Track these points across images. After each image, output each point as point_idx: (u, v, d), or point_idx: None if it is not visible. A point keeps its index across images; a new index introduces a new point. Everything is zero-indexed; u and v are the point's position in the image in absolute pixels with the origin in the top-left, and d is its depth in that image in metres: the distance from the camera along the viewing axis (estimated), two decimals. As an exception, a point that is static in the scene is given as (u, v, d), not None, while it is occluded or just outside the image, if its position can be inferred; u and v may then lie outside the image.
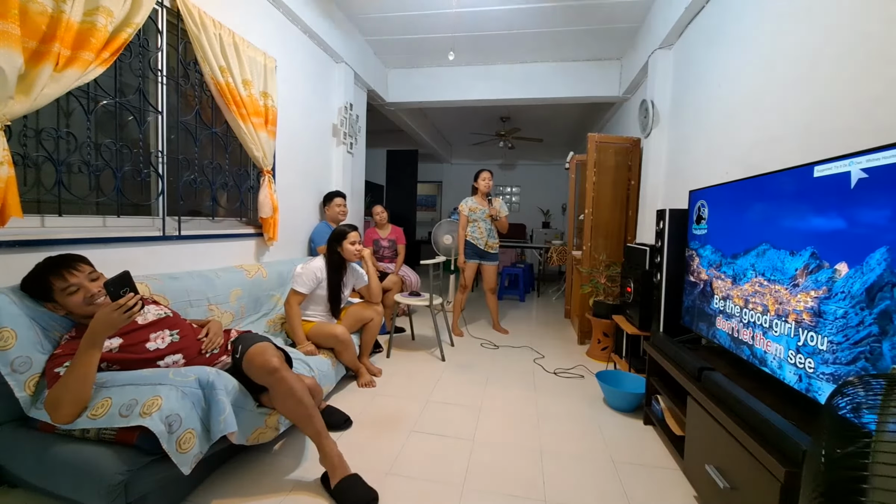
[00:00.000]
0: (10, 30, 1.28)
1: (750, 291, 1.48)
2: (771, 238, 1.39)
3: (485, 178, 3.66)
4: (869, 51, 1.31)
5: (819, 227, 1.19)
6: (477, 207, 3.66)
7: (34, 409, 1.28)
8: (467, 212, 3.66)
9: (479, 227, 3.67)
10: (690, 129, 2.69)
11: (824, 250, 1.16)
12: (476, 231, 3.67)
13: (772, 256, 1.38)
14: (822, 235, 1.17)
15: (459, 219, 3.69)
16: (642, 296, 2.44)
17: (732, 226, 1.64)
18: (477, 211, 3.65)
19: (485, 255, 3.71)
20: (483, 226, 3.67)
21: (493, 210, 3.63)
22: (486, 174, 3.67)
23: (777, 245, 1.36)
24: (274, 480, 1.57)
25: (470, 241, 3.66)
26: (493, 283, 3.79)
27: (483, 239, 3.66)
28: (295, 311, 2.25)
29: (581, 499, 1.55)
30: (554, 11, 3.39)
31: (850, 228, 1.08)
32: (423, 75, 4.70)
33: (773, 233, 1.39)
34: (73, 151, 1.71)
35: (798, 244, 1.26)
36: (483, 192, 3.68)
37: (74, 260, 1.42)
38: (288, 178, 3.03)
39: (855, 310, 1.04)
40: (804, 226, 1.24)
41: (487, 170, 3.70)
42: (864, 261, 1.02)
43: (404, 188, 8.02)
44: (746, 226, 1.54)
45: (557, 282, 7.24)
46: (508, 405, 2.31)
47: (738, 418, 1.24)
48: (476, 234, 3.66)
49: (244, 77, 2.39)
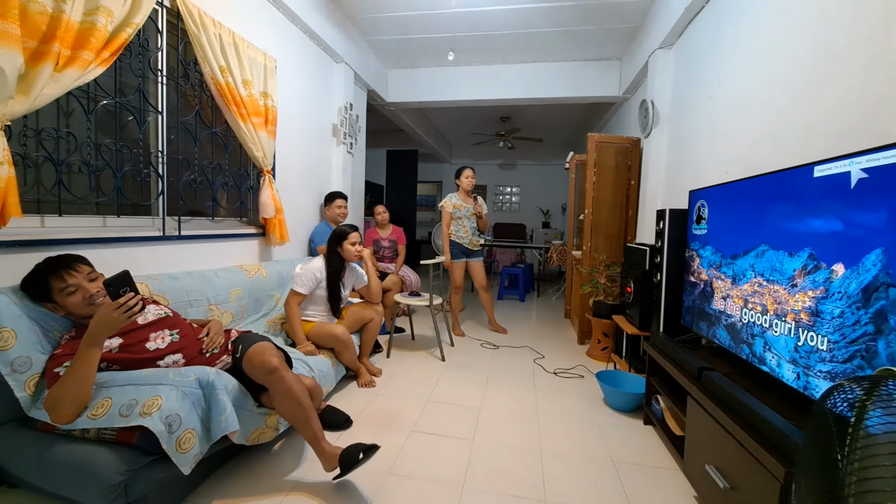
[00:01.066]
0: (10, 29, 1.28)
1: (749, 291, 1.48)
2: (770, 239, 1.39)
3: (468, 175, 3.63)
4: (869, 51, 1.30)
5: (817, 228, 1.19)
6: (461, 205, 3.64)
7: (34, 409, 1.28)
8: (451, 209, 3.62)
9: (464, 226, 3.65)
10: (690, 129, 2.69)
11: (822, 251, 1.16)
12: (461, 230, 3.65)
13: (771, 257, 1.38)
14: (820, 237, 1.17)
15: (443, 216, 3.65)
16: (642, 296, 2.44)
17: (732, 226, 1.64)
18: (462, 208, 3.63)
19: (471, 253, 3.70)
20: (468, 224, 3.65)
21: (478, 208, 3.63)
22: (469, 171, 3.64)
23: (776, 246, 1.36)
24: (274, 480, 1.57)
25: (455, 240, 3.64)
26: (484, 280, 3.78)
27: (468, 237, 3.65)
28: (295, 311, 2.25)
29: (581, 499, 1.55)
30: (554, 11, 3.39)
31: (847, 230, 1.09)
32: (423, 75, 4.70)
33: (772, 233, 1.39)
34: (73, 151, 1.71)
35: (796, 245, 1.26)
36: (466, 189, 3.65)
37: (73, 260, 1.42)
38: (288, 178, 3.03)
39: (851, 309, 1.04)
40: (802, 227, 1.24)
41: (470, 167, 3.67)
42: (860, 262, 1.03)
43: (404, 188, 8.01)
44: (746, 226, 1.54)
45: (557, 282, 7.24)
46: (508, 405, 2.31)
47: (737, 418, 1.24)
48: (461, 232, 3.65)
49: (244, 77, 2.39)
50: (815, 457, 0.74)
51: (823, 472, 0.70)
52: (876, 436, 0.64)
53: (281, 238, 2.76)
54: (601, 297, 3.19)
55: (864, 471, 0.63)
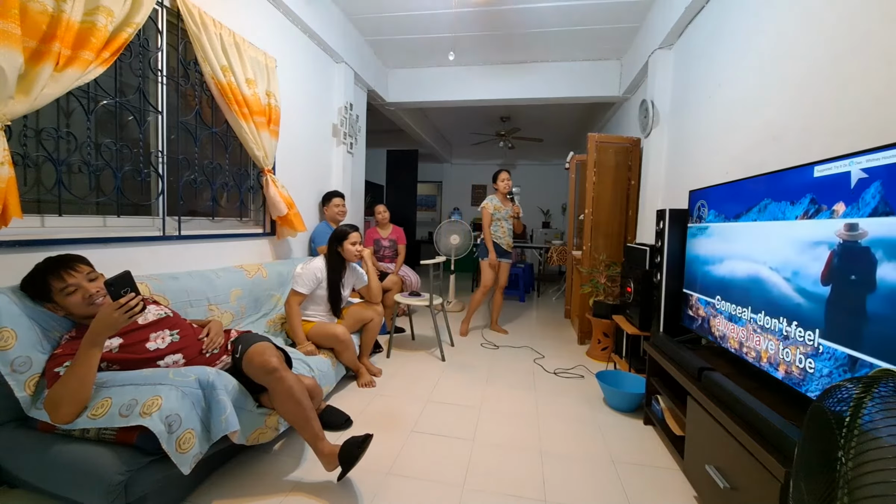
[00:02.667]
0: (11, 29, 1.28)
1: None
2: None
3: (504, 178, 3.74)
4: (869, 51, 1.31)
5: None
6: (501, 207, 3.72)
7: (34, 409, 1.28)
8: (492, 210, 3.70)
9: (502, 227, 3.73)
10: (690, 129, 2.69)
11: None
12: (499, 230, 3.73)
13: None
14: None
15: (483, 217, 3.72)
16: (642, 296, 2.44)
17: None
18: (501, 210, 3.72)
19: (505, 254, 3.77)
20: (506, 225, 3.74)
21: (516, 209, 3.74)
22: (505, 174, 3.75)
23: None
24: (274, 480, 1.57)
25: (494, 241, 3.71)
26: (506, 282, 3.84)
27: (505, 238, 3.73)
28: (295, 311, 2.25)
29: (581, 499, 1.55)
30: (553, 11, 3.39)
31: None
32: (423, 75, 4.69)
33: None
34: (74, 151, 1.71)
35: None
36: (503, 192, 3.74)
37: (73, 260, 1.42)
38: (288, 177, 3.02)
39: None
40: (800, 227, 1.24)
41: (506, 169, 3.78)
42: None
43: (404, 188, 8.01)
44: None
45: (557, 282, 7.24)
46: (508, 405, 2.31)
47: (738, 418, 1.24)
48: (499, 233, 3.72)
49: (247, 76, 2.39)
50: (812, 456, 0.74)
51: (821, 472, 0.70)
52: (868, 432, 0.64)
53: (301, 228, 2.84)
54: (601, 297, 3.19)
55: (859, 468, 0.63)
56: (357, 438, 1.50)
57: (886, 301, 0.94)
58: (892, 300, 0.93)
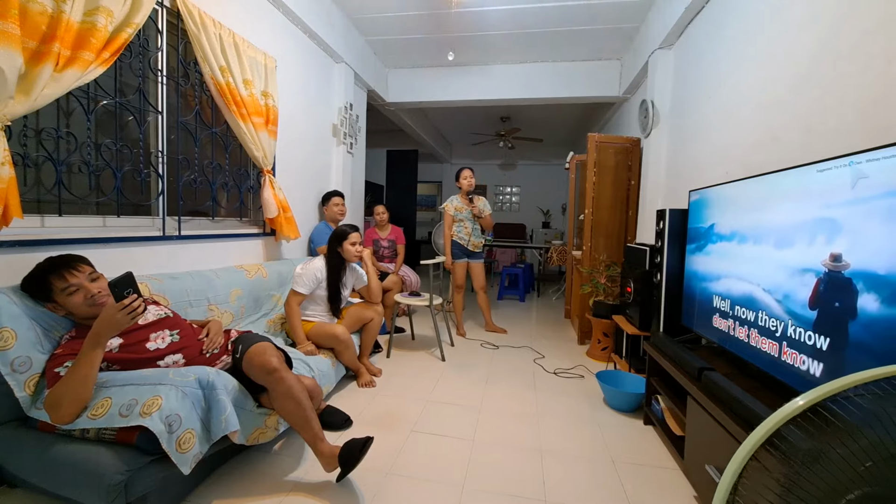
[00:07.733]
0: (11, 30, 1.28)
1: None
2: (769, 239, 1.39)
3: (466, 176, 3.64)
4: (869, 51, 1.31)
5: (816, 227, 1.19)
6: (462, 207, 3.67)
7: (34, 408, 1.28)
8: (453, 211, 3.67)
9: (465, 227, 3.68)
10: (690, 128, 2.69)
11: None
12: (462, 231, 3.68)
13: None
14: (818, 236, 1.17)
15: (444, 219, 3.70)
16: (642, 296, 2.44)
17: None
18: (463, 210, 3.67)
19: (472, 254, 3.72)
20: (469, 225, 3.68)
21: (475, 209, 3.65)
22: (468, 172, 3.65)
23: (777, 246, 1.36)
24: (274, 480, 1.57)
25: (456, 241, 3.67)
26: (483, 281, 3.80)
27: (468, 238, 3.68)
28: (295, 311, 2.25)
29: (581, 499, 1.55)
30: (554, 11, 3.39)
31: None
32: (423, 75, 4.70)
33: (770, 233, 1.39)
34: (74, 151, 1.71)
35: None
36: (465, 190, 3.68)
37: (74, 260, 1.42)
38: (288, 178, 3.03)
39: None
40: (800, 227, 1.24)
41: (468, 167, 3.69)
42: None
43: (404, 188, 8.01)
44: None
45: (557, 282, 7.24)
46: (508, 405, 2.31)
47: (738, 418, 1.24)
48: (462, 233, 3.68)
49: (245, 77, 2.39)
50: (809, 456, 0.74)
51: (819, 471, 0.70)
52: (864, 430, 0.65)
53: (293, 234, 2.80)
54: (601, 297, 3.19)
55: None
56: (358, 441, 1.50)
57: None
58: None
